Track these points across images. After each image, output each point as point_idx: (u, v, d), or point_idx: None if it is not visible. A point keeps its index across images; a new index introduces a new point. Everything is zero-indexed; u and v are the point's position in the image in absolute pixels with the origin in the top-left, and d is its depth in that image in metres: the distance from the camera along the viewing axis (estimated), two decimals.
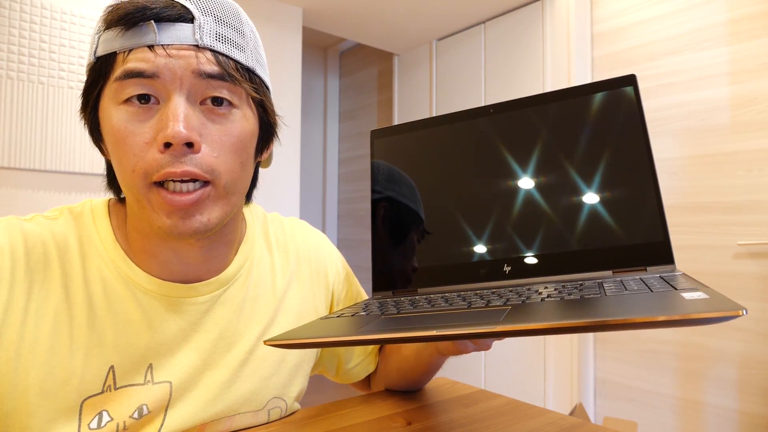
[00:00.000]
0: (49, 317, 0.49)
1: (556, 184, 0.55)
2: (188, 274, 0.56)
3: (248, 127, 0.52)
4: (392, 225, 0.62)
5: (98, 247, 0.53)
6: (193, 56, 0.47)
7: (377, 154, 0.65)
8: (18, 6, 1.87)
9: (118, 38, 0.47)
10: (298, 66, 2.67)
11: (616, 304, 0.36)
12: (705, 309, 0.30)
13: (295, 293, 0.65)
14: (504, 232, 0.56)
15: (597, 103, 0.55)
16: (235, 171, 0.51)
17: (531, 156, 0.57)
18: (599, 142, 0.54)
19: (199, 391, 0.55)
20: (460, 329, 0.36)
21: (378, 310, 0.50)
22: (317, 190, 3.93)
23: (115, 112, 0.48)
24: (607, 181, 0.53)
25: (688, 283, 0.40)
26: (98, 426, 0.49)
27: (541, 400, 2.32)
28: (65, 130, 1.96)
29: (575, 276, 0.52)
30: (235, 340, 0.58)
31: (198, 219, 0.49)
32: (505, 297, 0.46)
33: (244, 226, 0.64)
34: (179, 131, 0.45)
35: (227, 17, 0.51)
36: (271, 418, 0.61)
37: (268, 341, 0.42)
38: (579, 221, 0.54)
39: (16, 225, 0.50)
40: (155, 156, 0.46)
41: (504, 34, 2.61)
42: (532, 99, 0.59)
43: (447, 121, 0.62)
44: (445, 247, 0.59)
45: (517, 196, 0.57)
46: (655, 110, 2.07)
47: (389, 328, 0.40)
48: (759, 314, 1.78)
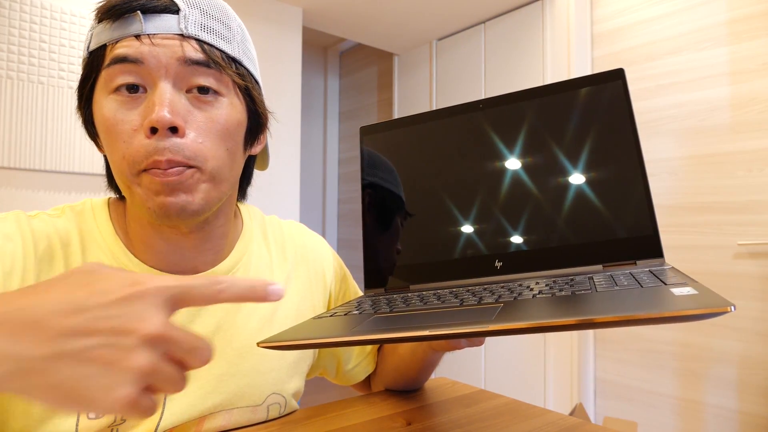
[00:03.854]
0: None
1: (546, 178, 0.55)
2: (184, 264, 0.57)
3: (235, 115, 0.53)
4: (383, 222, 0.62)
5: (98, 240, 0.55)
6: (178, 45, 0.49)
7: (367, 150, 0.65)
8: (18, 6, 1.87)
9: (107, 30, 0.49)
10: (298, 66, 2.67)
11: (607, 301, 0.36)
12: (693, 305, 0.31)
13: (293, 291, 0.66)
14: (494, 227, 0.57)
15: (586, 97, 0.56)
16: (221, 157, 0.51)
17: (521, 151, 0.57)
18: (588, 136, 0.55)
19: (198, 383, 0.56)
20: (452, 329, 0.36)
21: (371, 308, 0.50)
22: (317, 190, 3.93)
23: (105, 101, 0.49)
24: (597, 175, 0.54)
25: (678, 278, 0.40)
26: (97, 416, 0.50)
27: (541, 400, 2.32)
28: (65, 130, 1.96)
29: (566, 271, 0.53)
30: (233, 333, 0.59)
31: (184, 198, 0.49)
32: (496, 294, 0.46)
33: (241, 222, 0.65)
34: (163, 116, 0.46)
35: (213, 11, 0.52)
36: (270, 414, 0.61)
37: (262, 343, 0.42)
38: (569, 216, 0.54)
39: (23, 219, 0.52)
40: (142, 142, 0.48)
41: (504, 34, 2.61)
42: (522, 94, 0.59)
43: (437, 117, 0.62)
44: (437, 243, 0.59)
45: (507, 191, 0.57)
46: (655, 110, 2.07)
47: (382, 327, 0.40)
48: (759, 314, 1.78)
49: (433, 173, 0.61)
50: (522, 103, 0.58)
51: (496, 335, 0.36)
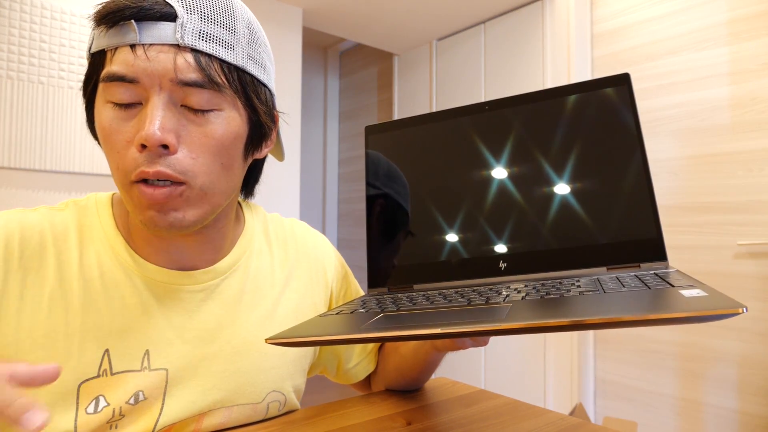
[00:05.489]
0: (45, 303, 0.51)
1: (551, 181, 0.56)
2: (184, 261, 0.57)
3: (232, 129, 0.51)
4: (387, 221, 0.62)
5: (99, 235, 0.55)
6: (171, 59, 0.47)
7: (372, 150, 0.66)
8: (18, 6, 1.87)
9: (104, 36, 0.48)
10: (298, 66, 2.67)
11: (619, 302, 0.36)
12: (706, 307, 0.31)
13: (294, 288, 0.66)
14: (499, 228, 0.57)
15: (591, 101, 0.56)
16: (213, 173, 0.51)
17: (526, 153, 0.57)
18: (594, 140, 0.55)
19: (197, 380, 0.56)
20: (464, 327, 0.36)
21: (377, 306, 0.50)
22: (317, 190, 3.93)
23: (103, 109, 0.49)
24: (601, 178, 0.54)
25: (684, 281, 0.40)
26: (95, 411, 0.50)
27: (541, 400, 2.32)
28: (65, 130, 1.96)
29: (570, 272, 0.53)
30: (233, 330, 0.59)
31: (174, 215, 0.49)
32: (503, 294, 0.46)
33: (243, 219, 0.65)
34: (153, 133, 0.46)
35: (215, 14, 0.49)
36: (270, 412, 0.61)
37: (270, 339, 0.42)
38: (574, 218, 0.54)
39: (15, 216, 0.53)
40: (134, 155, 0.48)
41: (504, 34, 2.61)
42: (527, 96, 0.59)
43: (442, 118, 0.63)
44: (441, 243, 0.59)
45: (512, 192, 0.57)
46: (655, 110, 2.07)
47: (391, 325, 0.40)
48: (759, 314, 1.78)
49: (438, 173, 0.61)
50: (527, 106, 0.59)
51: (510, 334, 0.36)
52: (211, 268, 0.58)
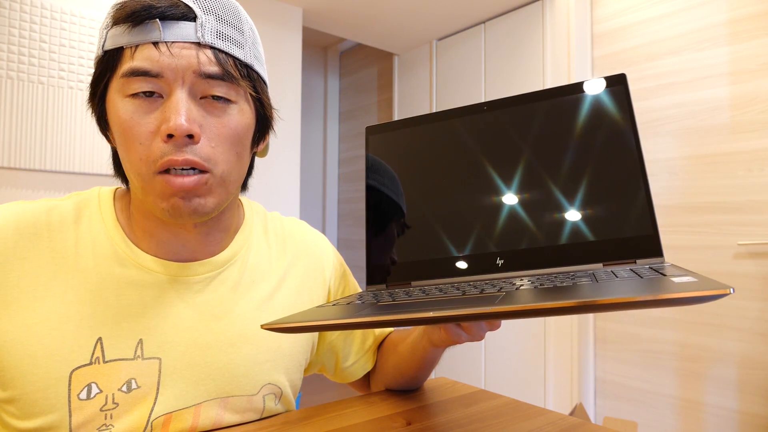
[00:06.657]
0: (39, 292, 0.52)
1: (547, 179, 0.56)
2: (184, 254, 0.59)
3: (245, 120, 0.55)
4: (386, 219, 0.63)
5: (98, 226, 0.57)
6: (194, 55, 0.51)
7: (372, 150, 0.66)
8: (18, 6, 1.87)
9: (125, 34, 0.51)
10: (298, 66, 2.67)
11: (609, 288, 0.36)
12: (694, 288, 0.31)
13: (291, 284, 0.67)
14: (496, 226, 0.57)
15: (588, 101, 0.57)
16: (231, 161, 0.54)
17: (523, 152, 0.58)
18: (591, 139, 0.56)
19: (191, 370, 0.56)
20: (456, 311, 0.37)
21: (373, 299, 0.51)
22: (317, 190, 3.93)
23: (121, 104, 0.51)
24: (598, 176, 0.54)
25: (677, 271, 0.41)
26: (87, 397, 0.51)
27: (541, 400, 2.32)
28: (65, 130, 1.96)
29: (566, 269, 0.54)
30: (229, 322, 0.59)
31: (197, 201, 0.52)
32: (498, 286, 0.46)
33: (242, 215, 0.67)
34: (181, 124, 0.49)
35: (227, 16, 0.54)
36: (266, 404, 0.62)
37: (266, 325, 0.43)
38: (570, 215, 0.55)
39: (12, 208, 0.55)
40: (159, 145, 0.50)
41: (504, 34, 2.61)
42: (526, 96, 0.60)
43: (442, 118, 0.64)
44: (438, 240, 0.60)
45: (509, 191, 0.58)
46: (655, 110, 2.07)
47: (386, 311, 0.41)
48: (759, 314, 1.78)
49: (437, 172, 0.62)
50: (525, 106, 0.60)
51: (500, 318, 0.36)
52: (208, 260, 0.60)
